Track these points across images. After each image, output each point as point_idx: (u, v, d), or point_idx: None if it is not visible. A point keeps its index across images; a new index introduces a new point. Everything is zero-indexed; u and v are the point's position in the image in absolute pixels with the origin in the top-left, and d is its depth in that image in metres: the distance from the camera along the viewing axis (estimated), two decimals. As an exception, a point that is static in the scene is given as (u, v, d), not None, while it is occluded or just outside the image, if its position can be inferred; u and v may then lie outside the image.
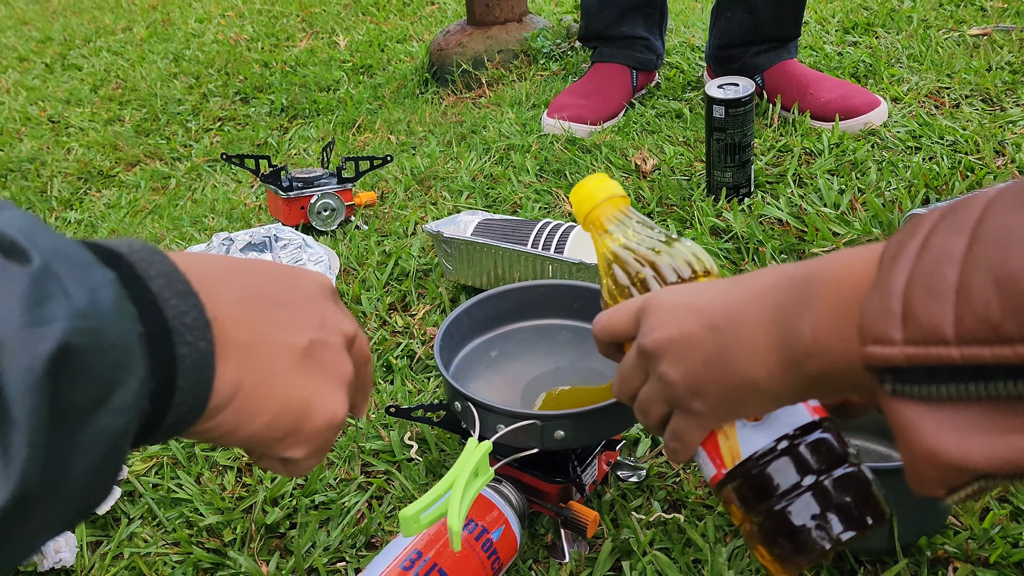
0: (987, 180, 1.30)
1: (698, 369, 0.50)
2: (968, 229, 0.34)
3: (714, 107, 1.30)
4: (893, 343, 0.35)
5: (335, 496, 0.92)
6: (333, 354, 0.48)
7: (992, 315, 0.32)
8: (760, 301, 0.47)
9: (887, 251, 0.38)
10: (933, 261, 0.35)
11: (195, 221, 1.69)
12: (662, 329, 0.52)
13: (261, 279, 0.46)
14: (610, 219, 0.64)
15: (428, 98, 2.11)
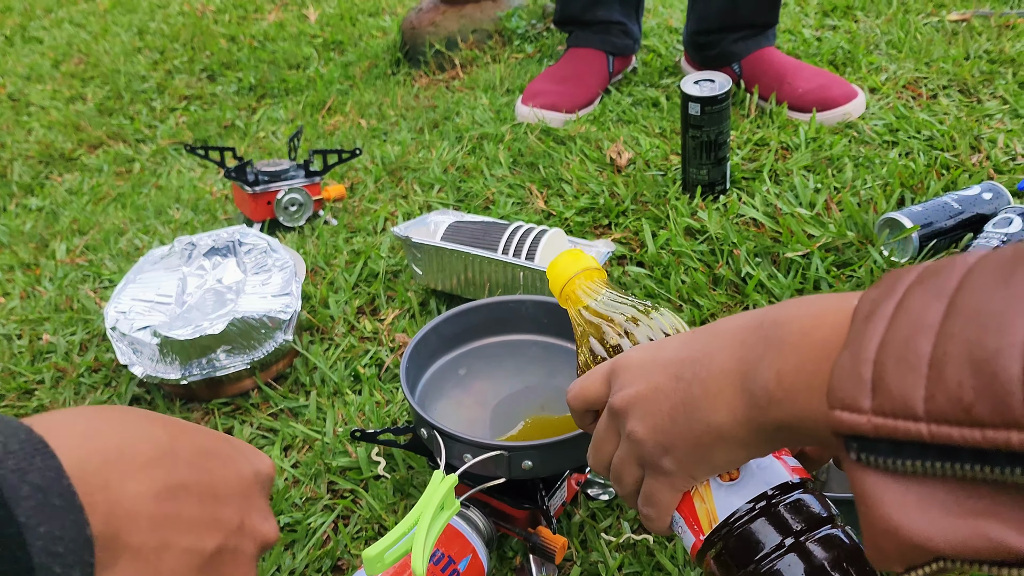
0: (962, 179, 1.29)
1: (665, 423, 0.48)
2: (946, 297, 0.33)
3: (690, 104, 1.27)
4: (861, 411, 0.34)
5: (300, 516, 0.91)
6: (239, 565, 0.45)
7: (965, 396, 0.31)
8: (726, 345, 0.46)
9: (860, 308, 0.37)
10: (908, 328, 0.33)
11: (159, 211, 1.65)
12: (630, 386, 0.51)
13: (188, 465, 0.42)
14: (585, 292, 0.64)
15: (400, 79, 2.06)
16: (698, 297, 1.14)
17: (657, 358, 0.50)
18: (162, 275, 1.13)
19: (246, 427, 1.04)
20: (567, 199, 1.39)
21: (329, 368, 1.10)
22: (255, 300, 1.06)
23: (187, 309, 1.08)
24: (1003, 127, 1.44)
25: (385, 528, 0.89)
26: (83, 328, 1.25)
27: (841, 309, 0.39)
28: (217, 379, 1.05)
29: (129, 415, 0.42)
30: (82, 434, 0.38)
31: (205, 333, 1.01)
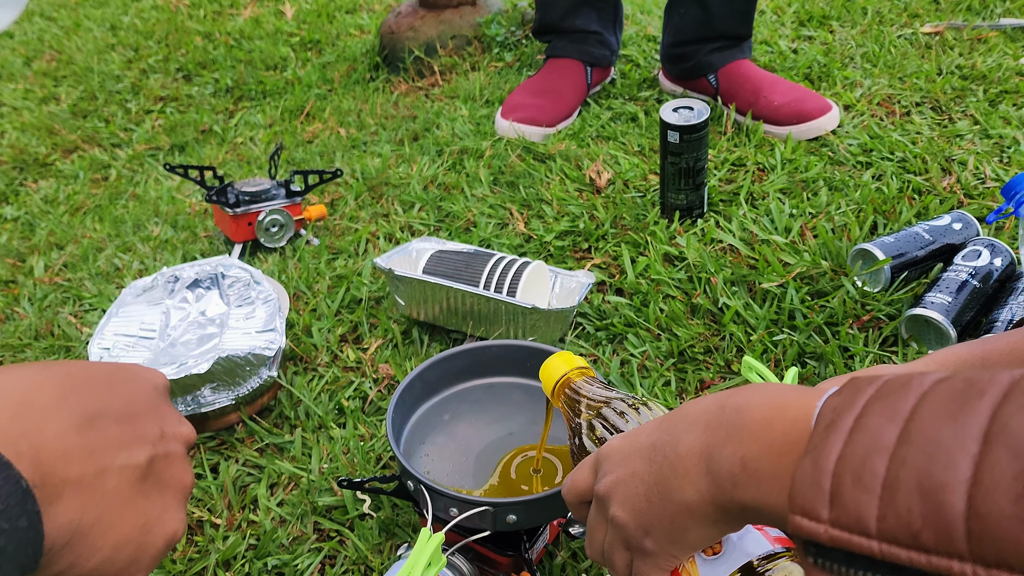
0: (933, 204, 1.32)
1: (642, 504, 0.51)
2: (901, 420, 0.36)
3: (669, 132, 1.29)
4: (820, 520, 0.37)
5: (288, 558, 0.92)
6: (175, 466, 0.48)
7: (913, 522, 0.33)
8: (692, 427, 0.48)
9: (823, 415, 0.39)
10: (865, 446, 0.36)
11: (138, 226, 1.64)
12: (611, 473, 0.53)
13: (95, 394, 0.45)
14: (574, 390, 0.68)
15: (379, 85, 2.06)
16: (676, 327, 1.17)
17: (634, 444, 0.53)
18: (145, 308, 1.13)
19: (232, 463, 1.05)
20: (547, 221, 1.40)
21: (313, 401, 1.12)
22: (239, 337, 1.07)
23: (171, 344, 1.09)
24: (973, 148, 1.47)
25: (371, 568, 0.91)
26: (65, 356, 1.25)
27: (801, 405, 0.42)
28: (202, 414, 1.06)
29: (20, 368, 0.44)
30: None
31: (191, 372, 1.01)
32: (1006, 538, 0.30)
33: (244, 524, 0.97)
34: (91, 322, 1.33)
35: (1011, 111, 1.56)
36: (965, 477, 0.32)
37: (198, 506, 1.00)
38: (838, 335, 1.12)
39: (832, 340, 1.11)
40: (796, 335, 1.12)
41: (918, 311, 1.10)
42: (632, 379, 1.10)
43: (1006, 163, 1.43)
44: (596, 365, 1.14)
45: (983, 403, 0.33)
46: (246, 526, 0.97)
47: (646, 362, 1.13)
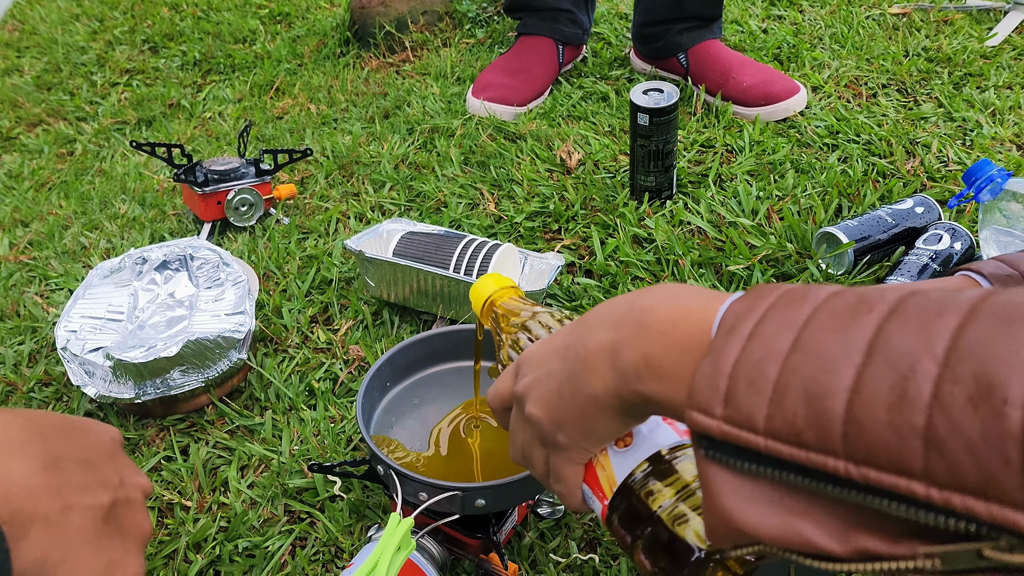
0: (897, 188, 1.34)
1: (555, 400, 0.53)
2: (795, 329, 0.38)
3: (639, 115, 1.29)
4: (713, 416, 0.40)
5: (259, 540, 0.93)
6: (134, 513, 0.51)
7: (797, 422, 0.36)
8: (602, 325, 0.50)
9: (725, 320, 0.42)
10: (760, 352, 0.39)
11: (105, 203, 1.62)
12: (529, 374, 0.56)
13: (56, 440, 0.47)
14: (503, 306, 0.71)
15: (349, 61, 2.04)
16: (644, 309, 1.18)
17: (549, 346, 0.55)
18: (112, 290, 1.13)
19: (202, 445, 1.05)
20: (518, 202, 1.41)
21: (284, 383, 1.12)
22: (208, 319, 1.07)
23: (140, 326, 1.08)
24: (937, 131, 1.49)
25: (342, 550, 0.92)
26: (31, 338, 1.25)
27: (705, 308, 0.45)
28: (172, 397, 1.06)
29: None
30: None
31: (160, 356, 1.01)
32: (877, 440, 0.33)
33: (214, 506, 0.98)
34: (57, 302, 1.32)
35: (974, 94, 1.58)
36: (847, 385, 0.35)
37: (168, 488, 1.01)
38: (802, 317, 1.14)
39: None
40: (761, 317, 1.14)
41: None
42: (600, 361, 1.11)
43: (968, 146, 1.45)
44: (565, 347, 1.15)
45: (870, 318, 0.36)
46: (216, 508, 0.98)
47: (614, 344, 1.14)
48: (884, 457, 0.33)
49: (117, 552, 0.47)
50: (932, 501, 0.32)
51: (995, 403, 0.30)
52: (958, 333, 0.33)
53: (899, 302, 0.36)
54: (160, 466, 1.04)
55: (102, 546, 0.46)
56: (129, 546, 0.48)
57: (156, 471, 1.03)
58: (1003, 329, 0.31)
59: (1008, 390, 0.30)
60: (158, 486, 1.01)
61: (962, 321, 0.33)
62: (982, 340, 0.32)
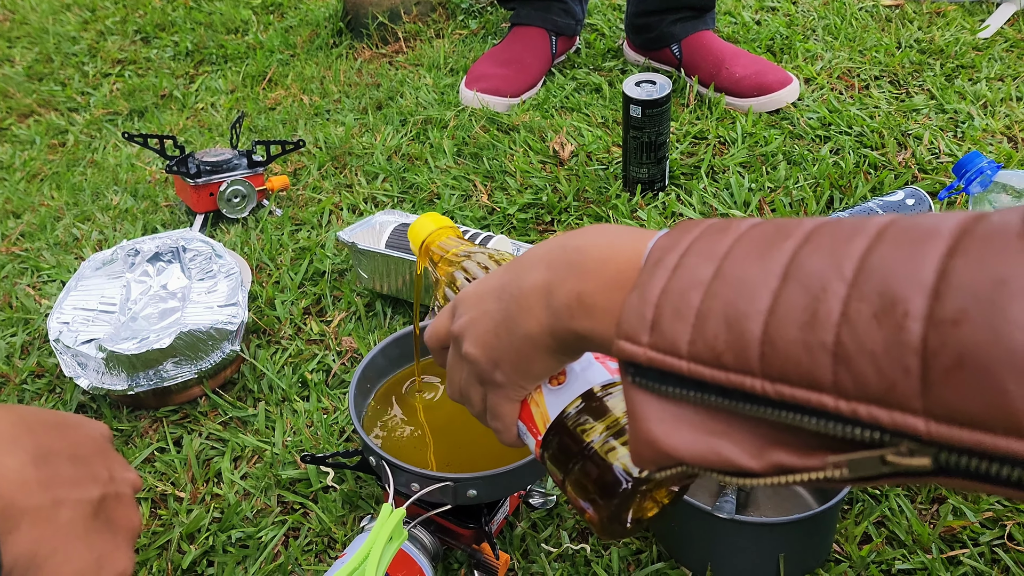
0: (888, 179, 1.35)
1: (491, 339, 0.54)
2: (717, 259, 0.40)
3: (631, 106, 1.30)
4: (640, 344, 0.41)
5: (252, 530, 0.94)
6: (124, 508, 0.51)
7: (717, 345, 0.38)
8: (535, 266, 0.51)
9: (652, 254, 0.43)
10: (684, 281, 0.40)
11: (97, 194, 1.62)
12: (465, 314, 0.56)
13: (46, 435, 0.48)
14: (439, 246, 0.72)
15: (342, 52, 2.03)
16: (636, 301, 1.18)
17: (485, 286, 0.56)
18: (105, 282, 1.13)
19: (195, 436, 1.06)
20: (511, 194, 1.41)
21: (277, 374, 1.12)
22: (201, 311, 1.07)
23: (132, 318, 1.08)
24: (929, 123, 1.50)
25: (335, 540, 0.93)
26: (23, 329, 1.25)
27: (634, 246, 0.46)
28: (165, 388, 1.06)
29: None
30: None
31: (152, 347, 1.02)
32: (790, 358, 0.35)
33: (208, 497, 0.98)
34: (50, 294, 1.32)
35: (966, 86, 1.59)
36: (764, 308, 0.36)
37: (162, 479, 1.01)
38: (793, 309, 1.14)
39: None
40: (752, 309, 1.15)
41: None
42: (592, 352, 1.12)
43: (960, 138, 1.46)
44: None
45: (787, 244, 0.37)
46: (210, 499, 0.98)
47: (606, 335, 1.15)
48: (796, 374, 0.34)
49: (107, 546, 0.48)
50: (841, 412, 0.33)
51: (897, 317, 0.32)
52: (866, 255, 0.34)
53: (814, 229, 0.37)
54: (153, 457, 1.04)
55: (92, 540, 0.47)
56: (119, 540, 0.49)
57: (149, 462, 1.04)
58: (906, 248, 0.33)
59: (908, 304, 0.31)
60: (151, 477, 1.01)
61: (870, 244, 0.34)
62: (887, 260, 0.33)
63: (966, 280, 0.31)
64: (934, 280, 0.31)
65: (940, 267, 0.32)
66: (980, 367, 0.29)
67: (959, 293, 0.31)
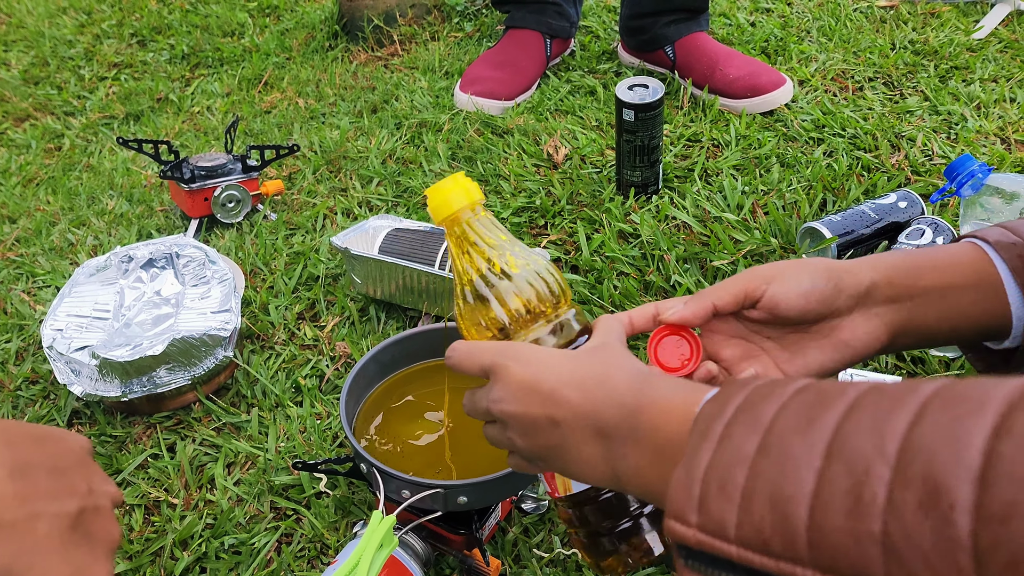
0: (881, 182, 1.35)
1: (541, 451, 0.55)
2: (761, 431, 0.39)
3: (624, 110, 1.30)
4: (689, 525, 0.41)
5: (245, 536, 0.94)
6: (103, 520, 0.51)
7: (764, 529, 0.37)
8: (594, 415, 0.52)
9: (698, 423, 0.43)
10: (729, 456, 0.40)
11: (92, 199, 1.62)
12: (509, 403, 0.55)
13: (25, 448, 0.48)
14: (465, 230, 0.62)
15: (338, 55, 2.03)
16: (629, 304, 1.19)
17: (535, 388, 0.54)
18: (98, 288, 1.13)
19: (188, 442, 1.06)
20: (504, 197, 1.41)
21: (270, 380, 1.13)
22: (195, 317, 1.08)
23: (126, 324, 1.09)
24: (923, 124, 1.50)
25: (328, 546, 0.93)
26: (18, 335, 1.25)
27: (685, 410, 0.46)
28: (158, 394, 1.07)
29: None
30: None
31: (145, 354, 1.02)
32: (839, 548, 0.33)
33: (201, 503, 0.99)
34: (44, 299, 1.32)
35: (960, 87, 1.59)
36: (808, 490, 0.35)
37: (155, 486, 1.01)
38: (785, 312, 1.15)
39: (779, 317, 1.14)
40: (745, 312, 1.15)
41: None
42: (585, 356, 1.12)
43: (953, 140, 1.46)
44: (550, 342, 1.16)
45: (829, 417, 0.36)
46: (203, 505, 0.98)
47: (599, 339, 1.15)
48: (847, 565, 0.33)
49: (85, 559, 0.48)
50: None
51: (943, 508, 0.30)
52: (909, 432, 0.33)
53: (857, 399, 0.36)
54: (147, 463, 1.04)
55: (69, 553, 0.47)
56: (97, 553, 0.49)
57: (143, 468, 1.04)
58: (948, 428, 0.31)
59: (955, 494, 0.30)
60: (144, 483, 1.01)
61: (913, 419, 0.33)
62: (930, 439, 0.32)
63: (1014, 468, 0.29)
64: (980, 465, 0.30)
65: (986, 449, 0.30)
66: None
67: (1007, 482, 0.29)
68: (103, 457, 1.05)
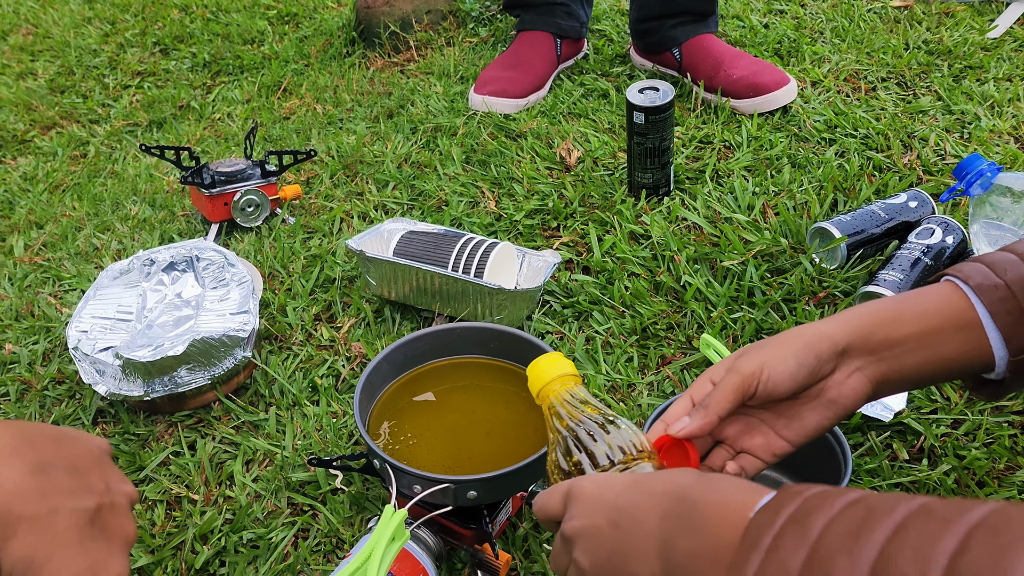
0: (892, 181, 1.36)
1: (603, 561, 0.56)
2: (808, 546, 0.40)
3: (635, 113, 1.31)
4: None
5: (263, 531, 0.97)
6: (119, 517, 0.53)
7: None
8: (654, 509, 0.54)
9: (750, 531, 0.44)
10: (774, 569, 0.41)
11: (117, 205, 1.66)
12: (579, 518, 0.58)
13: (45, 448, 0.51)
14: (559, 399, 0.70)
15: (355, 61, 2.07)
16: (639, 304, 1.20)
17: (602, 497, 0.58)
18: (122, 291, 1.16)
19: (208, 440, 1.09)
20: (517, 200, 1.43)
21: (288, 379, 1.15)
22: (214, 319, 1.10)
23: (148, 326, 1.12)
24: (935, 124, 1.50)
25: (343, 541, 0.96)
26: (45, 337, 1.29)
27: (742, 510, 0.48)
28: (179, 394, 1.10)
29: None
30: None
31: (167, 354, 1.05)
32: None
33: (220, 499, 1.01)
34: (71, 303, 1.36)
35: (974, 87, 1.59)
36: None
37: (176, 482, 1.04)
38: (795, 311, 1.16)
39: (789, 316, 1.15)
40: (754, 312, 1.16)
41: (871, 288, 1.14)
42: (596, 355, 1.14)
43: (966, 139, 1.46)
44: (562, 342, 1.17)
45: (876, 536, 0.37)
46: (222, 501, 1.01)
47: (610, 339, 1.17)
48: None
49: (101, 553, 0.50)
50: None
51: None
52: (952, 562, 0.33)
53: (904, 520, 0.37)
54: (168, 460, 1.07)
55: (87, 547, 0.49)
56: (113, 548, 0.51)
57: (165, 465, 1.07)
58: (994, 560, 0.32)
59: None
60: (166, 480, 1.04)
61: (958, 548, 0.33)
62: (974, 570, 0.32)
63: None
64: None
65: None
66: None
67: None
68: (126, 454, 1.08)
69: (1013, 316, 0.63)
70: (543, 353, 0.91)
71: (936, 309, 0.65)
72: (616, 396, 1.09)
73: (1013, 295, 0.64)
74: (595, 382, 1.09)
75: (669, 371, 1.11)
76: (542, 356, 0.72)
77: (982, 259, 0.68)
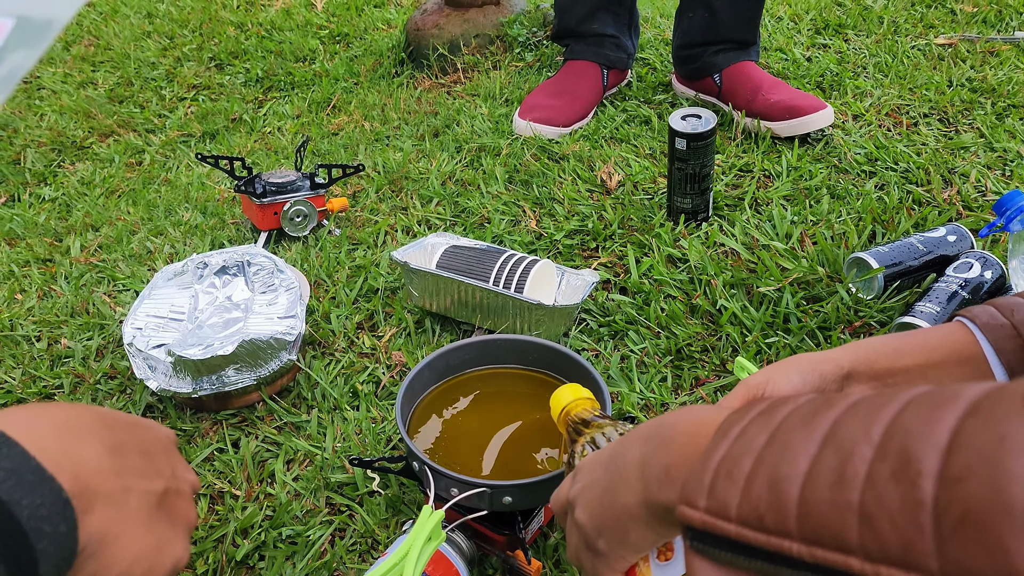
0: (932, 215, 1.37)
1: (596, 507, 0.57)
2: (771, 428, 0.42)
3: (676, 139, 1.34)
4: (697, 509, 0.44)
5: (301, 529, 1.00)
6: (183, 503, 0.56)
7: (760, 507, 0.40)
8: (636, 442, 0.55)
9: (723, 425, 0.47)
10: (741, 449, 0.43)
11: (169, 211, 1.72)
12: (580, 482, 0.61)
13: (121, 430, 0.54)
14: (574, 417, 0.77)
15: (403, 81, 2.12)
16: (674, 326, 1.22)
17: (599, 455, 0.60)
18: (175, 292, 1.21)
19: (252, 439, 1.12)
20: (558, 220, 1.46)
21: (330, 384, 1.19)
22: (262, 321, 1.14)
23: (199, 326, 1.16)
24: (977, 160, 1.51)
25: (378, 542, 0.98)
26: (99, 334, 1.34)
27: (717, 419, 0.49)
28: (226, 393, 1.14)
29: (60, 403, 0.52)
30: (29, 420, 0.47)
31: (216, 354, 1.09)
32: (822, 519, 0.36)
33: (261, 496, 1.05)
34: (124, 302, 1.41)
35: (1017, 125, 1.60)
36: (802, 471, 0.38)
37: (219, 478, 1.08)
38: (830, 339, 1.17)
39: (824, 344, 1.16)
40: (789, 338, 1.18)
41: (907, 319, 1.15)
42: (631, 374, 1.16)
43: (1008, 176, 1.47)
44: (597, 360, 1.20)
45: (830, 413, 0.40)
46: (263, 498, 1.05)
47: (645, 358, 1.19)
48: (828, 535, 0.36)
49: (166, 535, 0.53)
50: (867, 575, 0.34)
51: (911, 475, 0.33)
52: (893, 420, 0.36)
53: (857, 400, 0.40)
54: (213, 456, 1.11)
55: (154, 526, 0.52)
56: (177, 530, 0.54)
57: (209, 461, 1.11)
58: (926, 411, 0.35)
59: (922, 463, 0.33)
60: (210, 475, 1.08)
61: (898, 409, 0.36)
62: (910, 422, 0.35)
63: (974, 439, 0.32)
64: (948, 440, 0.33)
65: (955, 427, 0.33)
66: (981, 523, 0.30)
67: (966, 451, 0.32)
68: (173, 449, 1.12)
69: (1018, 354, 0.65)
70: (580, 366, 0.95)
71: (940, 343, 0.68)
72: (649, 415, 1.10)
73: (1018, 334, 0.65)
74: (628, 400, 1.11)
75: (703, 392, 1.13)
76: (561, 387, 0.81)
77: (992, 302, 0.70)
